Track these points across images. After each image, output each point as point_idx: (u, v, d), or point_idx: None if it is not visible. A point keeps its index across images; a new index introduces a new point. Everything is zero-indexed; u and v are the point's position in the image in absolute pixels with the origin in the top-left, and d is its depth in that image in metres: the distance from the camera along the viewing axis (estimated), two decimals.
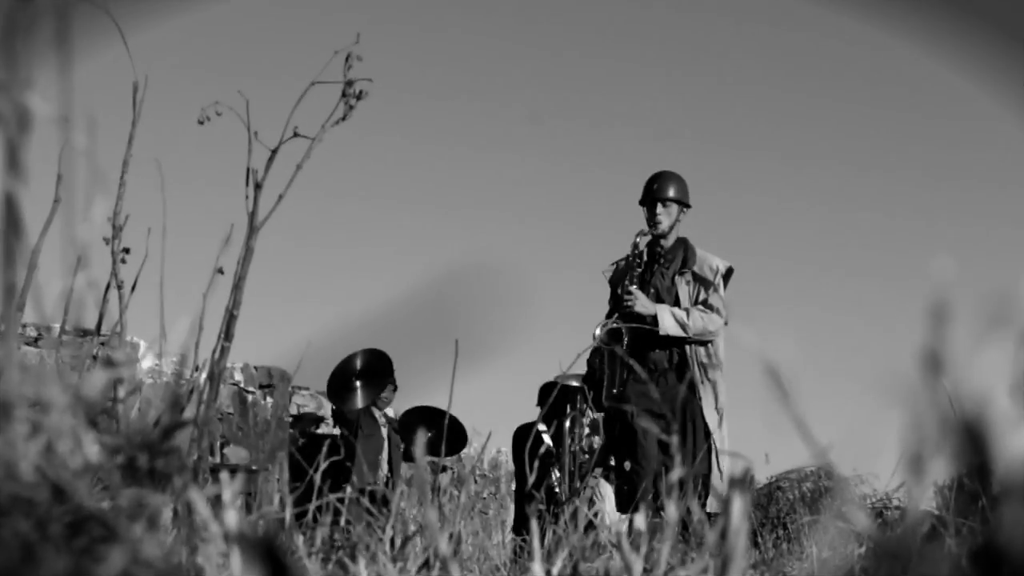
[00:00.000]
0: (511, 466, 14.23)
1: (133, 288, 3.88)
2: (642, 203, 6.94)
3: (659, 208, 6.89)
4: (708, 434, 6.61)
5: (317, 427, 10.28)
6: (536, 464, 7.19)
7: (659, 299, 6.81)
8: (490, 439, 5.28)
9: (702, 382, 6.69)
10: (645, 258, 6.91)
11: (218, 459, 9.19)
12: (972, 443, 0.89)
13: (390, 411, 9.34)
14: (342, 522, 2.60)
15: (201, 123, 3.98)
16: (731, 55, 19.39)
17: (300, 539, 2.39)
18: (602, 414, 7.14)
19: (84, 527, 1.00)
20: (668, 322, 6.67)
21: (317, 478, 2.63)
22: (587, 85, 19.00)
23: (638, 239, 6.83)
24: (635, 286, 6.79)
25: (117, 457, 1.19)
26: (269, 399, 10.62)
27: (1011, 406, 0.93)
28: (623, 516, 6.87)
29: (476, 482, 15.15)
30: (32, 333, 8.18)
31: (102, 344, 3.60)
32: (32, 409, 1.09)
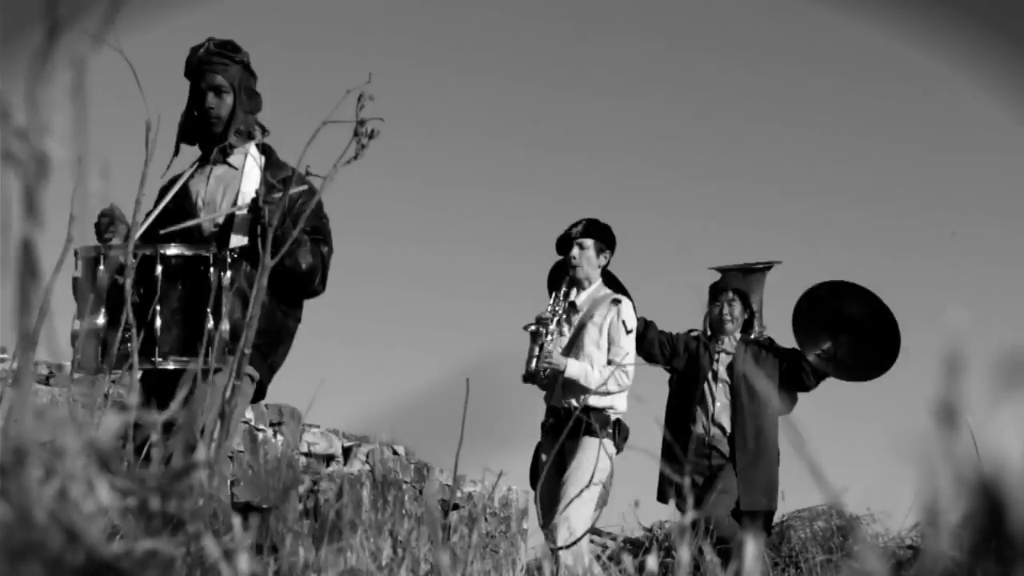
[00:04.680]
0: (521, 504, 14.09)
1: (145, 326, 3.89)
2: None
3: None
4: None
5: None
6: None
7: None
8: (501, 477, 5.26)
9: None
10: None
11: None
12: (989, 503, 0.88)
13: None
14: (354, 562, 2.59)
15: (215, 163, 4.01)
16: (749, 96, 19.46)
17: None
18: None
19: (97, 573, 1.00)
20: None
21: None
22: (605, 120, 19.06)
23: None
24: None
25: (129, 500, 1.19)
26: (279, 437, 10.60)
27: None
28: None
29: (487, 520, 15.06)
30: (44, 371, 8.19)
31: (113, 383, 3.61)
32: (45, 453, 1.10)
